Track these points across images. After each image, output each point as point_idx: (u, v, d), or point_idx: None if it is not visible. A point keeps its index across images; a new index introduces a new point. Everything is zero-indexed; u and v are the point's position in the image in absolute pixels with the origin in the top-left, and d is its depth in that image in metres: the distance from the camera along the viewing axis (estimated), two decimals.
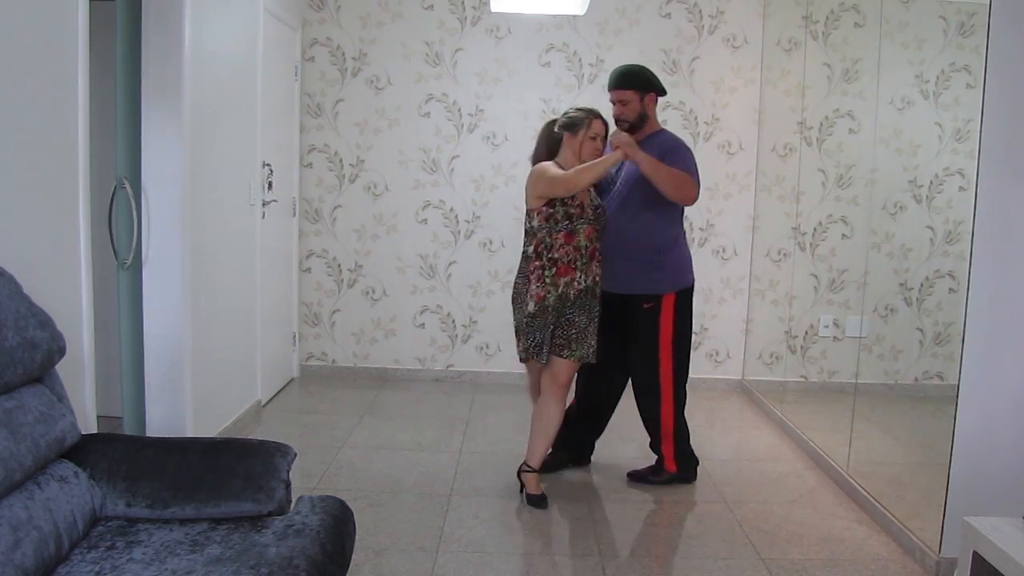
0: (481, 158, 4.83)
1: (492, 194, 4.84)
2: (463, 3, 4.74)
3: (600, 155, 3.08)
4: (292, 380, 4.83)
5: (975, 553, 2.05)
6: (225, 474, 1.97)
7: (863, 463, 3.33)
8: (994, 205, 2.48)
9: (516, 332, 3.17)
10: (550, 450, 3.27)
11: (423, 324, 4.94)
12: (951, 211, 3.06)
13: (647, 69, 3.31)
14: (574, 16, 4.71)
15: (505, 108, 4.79)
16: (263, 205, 4.16)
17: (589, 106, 3.18)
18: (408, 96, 4.79)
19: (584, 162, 3.05)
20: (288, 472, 2.06)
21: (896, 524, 2.91)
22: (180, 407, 3.23)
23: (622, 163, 3.16)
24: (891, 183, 3.36)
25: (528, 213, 3.11)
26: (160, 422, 3.20)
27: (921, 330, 3.23)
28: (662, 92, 3.30)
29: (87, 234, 2.43)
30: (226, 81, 3.61)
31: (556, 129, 3.13)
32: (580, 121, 3.09)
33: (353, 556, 2.02)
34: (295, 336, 4.87)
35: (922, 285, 3.21)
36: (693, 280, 3.34)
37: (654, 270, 3.23)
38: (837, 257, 3.90)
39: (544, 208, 3.04)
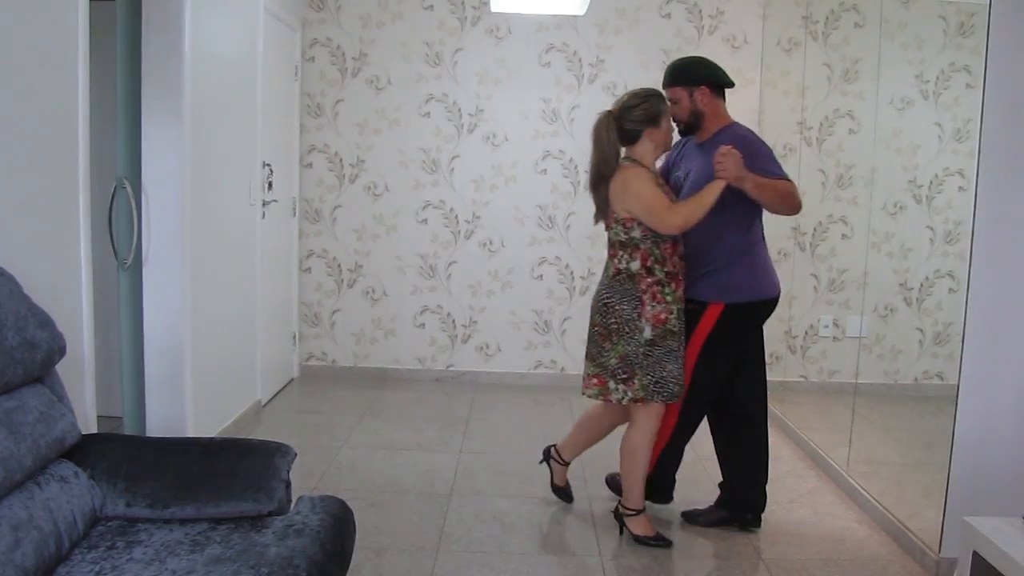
0: (481, 158, 4.83)
1: (492, 194, 4.84)
2: (463, 3, 4.74)
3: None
4: (292, 380, 4.83)
5: (975, 553, 2.05)
6: (225, 474, 1.97)
7: (863, 463, 3.32)
8: (994, 205, 2.48)
9: (623, 366, 2.71)
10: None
11: (423, 324, 4.94)
12: (951, 211, 3.06)
13: (702, 60, 2.89)
14: (574, 16, 4.71)
15: (505, 108, 4.79)
16: (263, 205, 4.16)
17: (648, 88, 2.80)
18: (408, 96, 4.79)
19: (662, 151, 2.80)
20: (288, 472, 2.06)
21: (896, 524, 2.91)
22: (180, 407, 3.23)
23: (677, 157, 2.92)
24: (891, 183, 3.36)
25: (620, 223, 2.72)
26: (160, 422, 3.20)
27: (921, 330, 3.24)
28: (717, 84, 2.82)
29: (87, 234, 2.43)
30: (226, 81, 3.61)
31: (632, 126, 2.72)
32: (661, 109, 2.73)
33: (353, 556, 2.02)
34: (295, 336, 4.87)
35: (922, 285, 3.21)
36: (761, 295, 2.82)
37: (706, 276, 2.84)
38: (837, 257, 3.90)
39: None
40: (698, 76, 2.79)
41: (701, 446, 3.87)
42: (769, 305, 2.86)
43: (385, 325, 4.94)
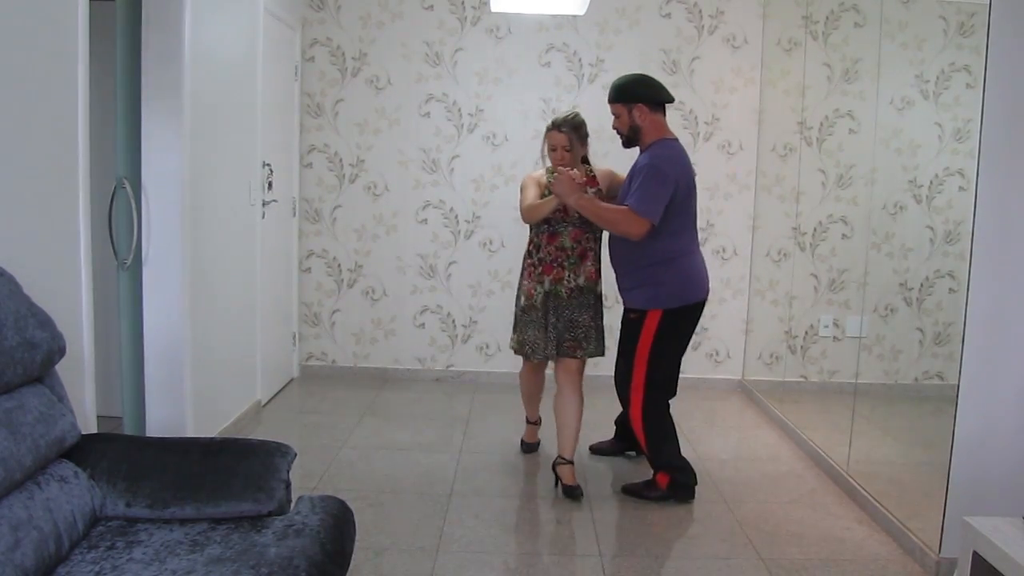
0: (481, 158, 4.83)
1: (492, 194, 4.84)
2: (463, 3, 4.74)
3: (564, 165, 3.19)
4: (292, 380, 4.83)
5: (975, 553, 2.05)
6: (225, 474, 1.97)
7: (863, 463, 3.33)
8: (994, 205, 2.48)
9: (513, 324, 3.41)
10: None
11: (423, 324, 4.94)
12: (951, 211, 3.06)
13: (641, 79, 3.14)
14: (574, 16, 4.71)
15: (505, 108, 4.79)
16: (263, 205, 4.16)
17: (571, 112, 3.28)
18: (408, 96, 4.79)
19: (554, 164, 3.24)
20: (288, 472, 2.06)
21: (896, 524, 2.91)
22: (180, 407, 3.23)
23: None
24: (891, 183, 3.36)
25: None
26: (160, 422, 3.20)
27: (921, 330, 3.23)
28: (653, 101, 3.08)
29: (87, 234, 2.43)
30: (226, 81, 3.61)
31: None
32: (551, 128, 3.24)
33: (353, 556, 2.02)
34: (295, 336, 4.87)
35: (922, 285, 3.21)
36: (690, 299, 3.14)
37: (637, 286, 3.17)
38: (837, 257, 3.89)
39: None
40: (635, 94, 3.08)
41: (700, 443, 3.87)
42: (701, 306, 3.21)
43: (385, 325, 4.94)
